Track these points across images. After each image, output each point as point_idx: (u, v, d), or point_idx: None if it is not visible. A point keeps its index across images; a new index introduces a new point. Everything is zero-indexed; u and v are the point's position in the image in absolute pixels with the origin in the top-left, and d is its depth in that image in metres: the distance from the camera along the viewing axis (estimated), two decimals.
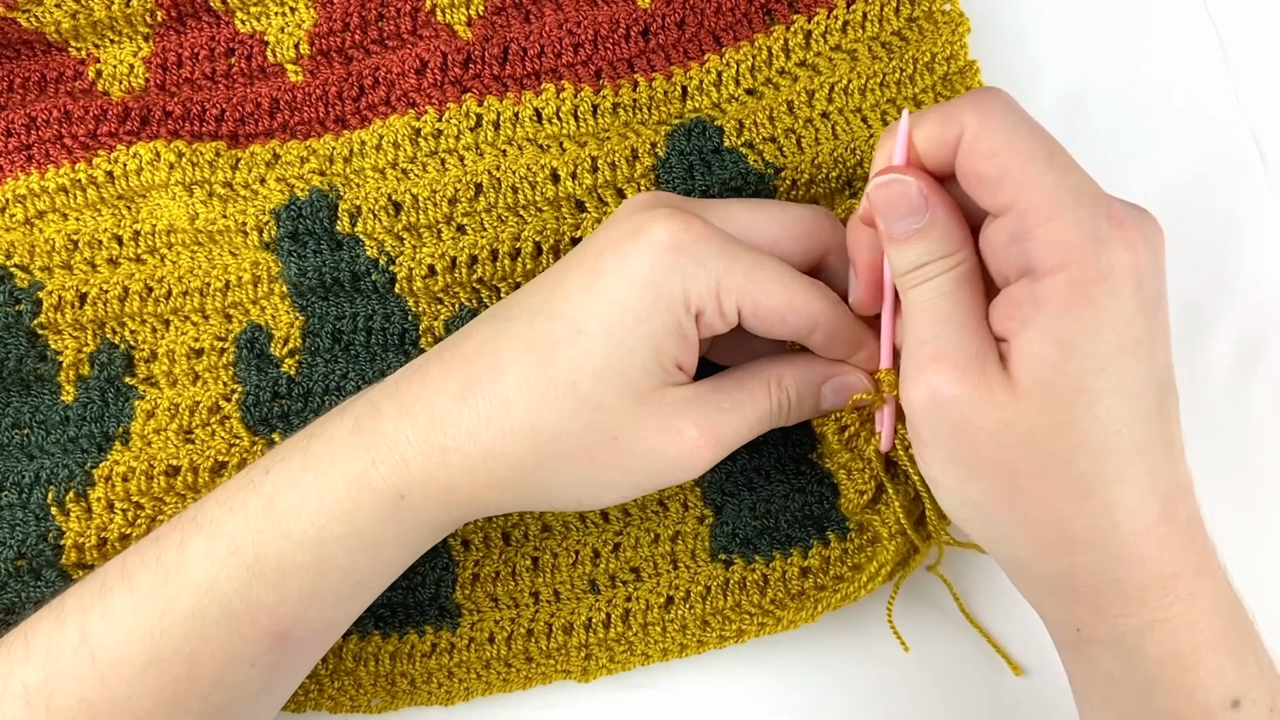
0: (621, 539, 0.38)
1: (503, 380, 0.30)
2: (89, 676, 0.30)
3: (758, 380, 0.32)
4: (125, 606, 0.31)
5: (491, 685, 0.37)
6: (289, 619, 0.31)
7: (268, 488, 0.32)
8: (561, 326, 0.30)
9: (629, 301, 0.30)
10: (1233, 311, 0.39)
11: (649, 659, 0.37)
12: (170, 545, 0.32)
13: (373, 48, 0.40)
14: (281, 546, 0.31)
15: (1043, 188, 0.26)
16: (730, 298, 0.30)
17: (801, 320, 0.31)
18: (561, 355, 0.30)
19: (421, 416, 0.31)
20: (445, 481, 0.31)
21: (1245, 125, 0.40)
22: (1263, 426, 0.38)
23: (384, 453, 0.31)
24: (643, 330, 0.30)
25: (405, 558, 0.33)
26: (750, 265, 0.30)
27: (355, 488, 0.31)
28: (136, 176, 0.38)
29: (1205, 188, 0.40)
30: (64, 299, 0.39)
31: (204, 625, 0.30)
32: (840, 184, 0.37)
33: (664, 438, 0.30)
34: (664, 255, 0.30)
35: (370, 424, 0.31)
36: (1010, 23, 0.41)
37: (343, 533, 0.31)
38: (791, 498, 0.37)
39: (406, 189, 0.37)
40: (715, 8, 0.38)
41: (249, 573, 0.31)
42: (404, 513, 0.31)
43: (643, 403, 0.30)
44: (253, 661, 0.31)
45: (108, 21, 0.40)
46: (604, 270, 0.30)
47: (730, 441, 0.31)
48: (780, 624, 0.36)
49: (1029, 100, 0.40)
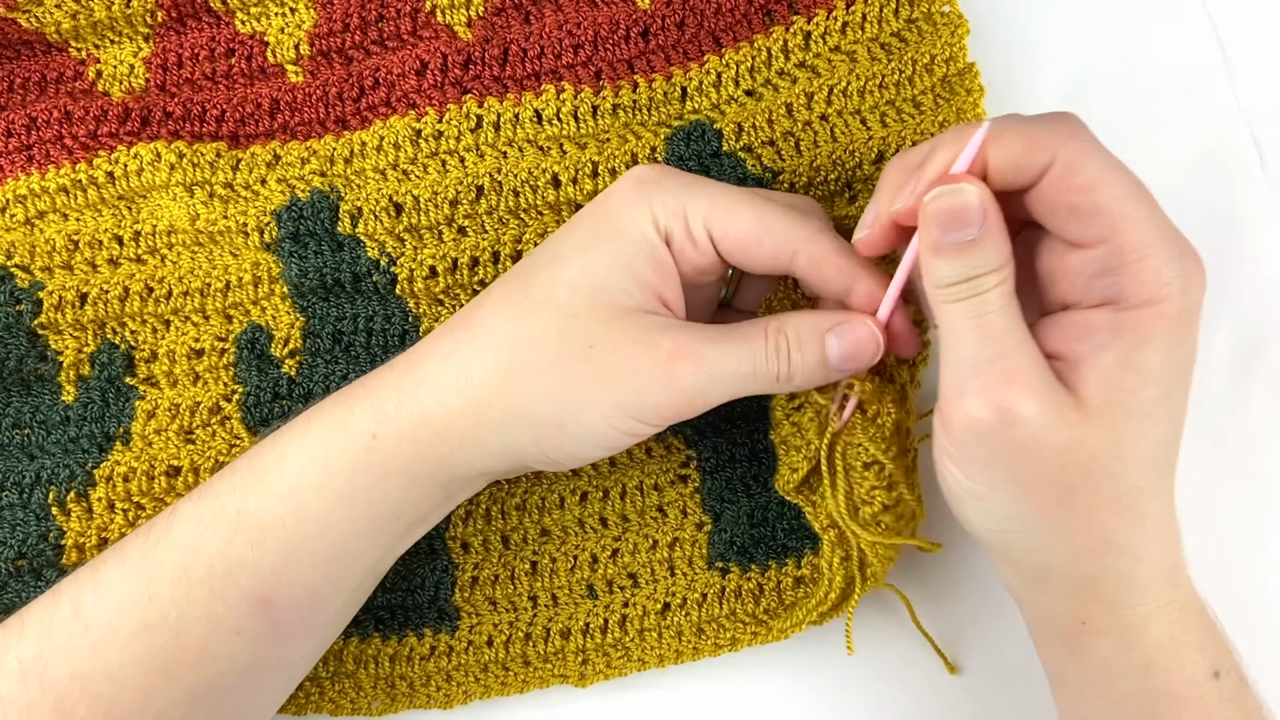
0: (620, 544, 0.38)
1: (480, 310, 0.32)
2: (81, 647, 0.31)
3: (754, 325, 0.32)
4: (116, 576, 0.31)
5: (490, 688, 0.38)
6: (269, 581, 0.31)
7: (255, 450, 0.33)
8: (541, 258, 0.32)
9: (603, 226, 0.31)
10: (1232, 311, 0.40)
11: (645, 665, 0.37)
12: (161, 518, 0.33)
13: (373, 48, 0.40)
14: (260, 499, 0.31)
15: (1138, 224, 0.27)
16: (698, 219, 0.31)
17: (778, 242, 0.31)
18: (539, 278, 0.31)
19: (401, 363, 0.33)
20: (418, 414, 0.31)
21: (1244, 125, 0.41)
22: (1263, 426, 0.39)
23: (360, 397, 0.32)
24: (615, 248, 0.31)
25: (380, 515, 0.32)
26: (716, 191, 0.31)
27: (329, 433, 0.32)
28: (137, 177, 0.39)
29: (1204, 188, 0.41)
30: (64, 299, 0.40)
31: (189, 586, 0.31)
32: (839, 186, 0.37)
33: (638, 349, 0.30)
34: (633, 186, 0.32)
35: (359, 381, 0.33)
36: (1009, 23, 0.42)
37: (316, 480, 0.31)
38: (788, 505, 0.37)
39: (407, 190, 0.37)
40: (715, 9, 0.39)
41: (231, 529, 0.31)
42: (375, 455, 0.31)
43: (619, 316, 0.31)
44: (236, 629, 0.31)
45: (108, 22, 0.41)
46: (582, 213, 0.33)
47: (715, 367, 0.30)
48: (771, 634, 0.36)
49: (1029, 100, 0.42)
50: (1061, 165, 0.27)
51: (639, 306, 0.31)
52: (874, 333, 0.31)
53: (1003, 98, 0.40)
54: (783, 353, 0.31)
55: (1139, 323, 0.27)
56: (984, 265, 0.27)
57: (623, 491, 0.38)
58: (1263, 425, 0.39)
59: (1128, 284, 0.27)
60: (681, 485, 0.38)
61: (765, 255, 0.31)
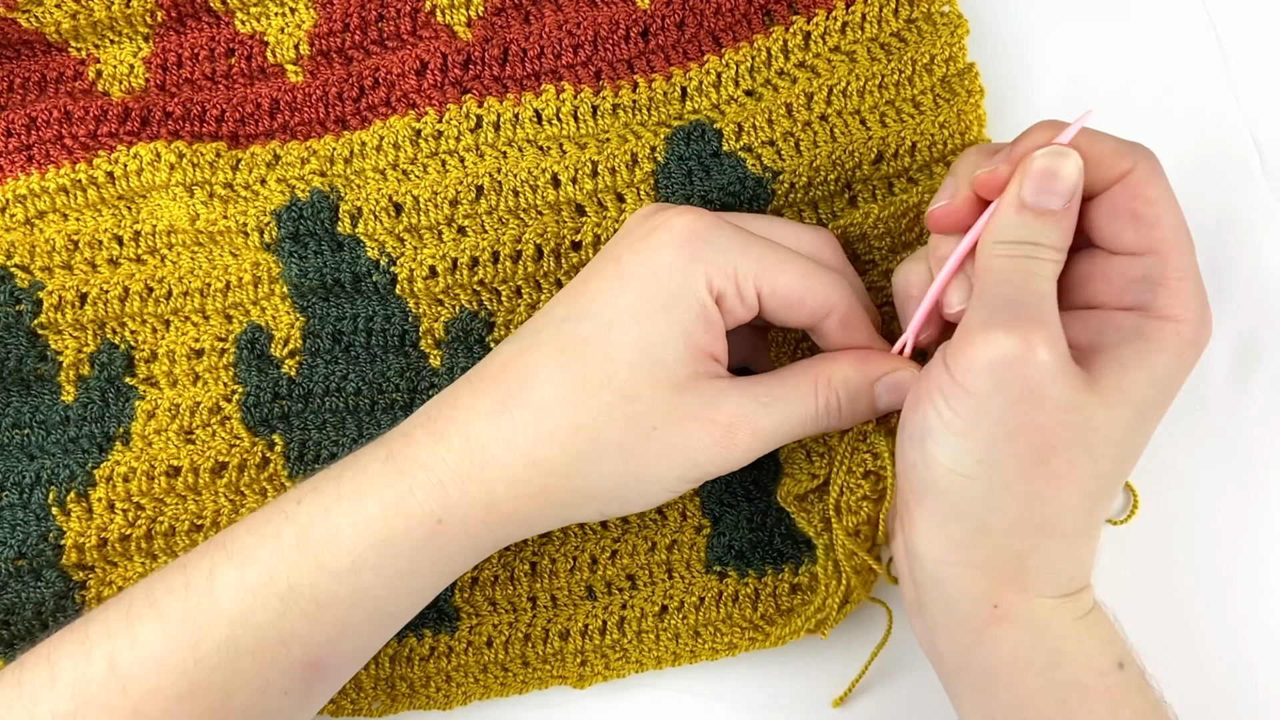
0: (619, 546, 0.38)
1: (536, 387, 0.31)
2: (120, 707, 0.30)
3: (803, 378, 0.33)
4: (155, 636, 0.31)
5: (489, 689, 0.38)
6: (323, 648, 0.32)
7: (301, 517, 0.32)
8: (590, 326, 0.31)
9: (654, 291, 0.31)
10: (1232, 311, 0.40)
11: (643, 666, 0.38)
12: (199, 573, 0.32)
13: (373, 48, 0.41)
14: (317, 577, 0.31)
15: (1185, 250, 0.30)
16: (748, 280, 0.31)
17: (819, 302, 0.32)
18: (594, 353, 0.31)
19: (457, 438, 0.31)
20: (485, 499, 0.31)
21: (1244, 125, 0.41)
22: (1262, 426, 0.39)
23: (420, 478, 0.31)
24: (671, 318, 0.31)
25: (441, 584, 0.33)
26: (764, 249, 0.32)
27: (391, 515, 0.31)
28: (137, 177, 0.39)
29: (1204, 188, 0.41)
30: (64, 299, 0.40)
31: (238, 656, 0.31)
32: (839, 187, 0.38)
33: (699, 425, 0.31)
34: (683, 245, 0.31)
35: (404, 451, 0.32)
36: (1009, 23, 0.42)
37: (378, 562, 0.31)
38: (787, 512, 0.37)
39: (407, 190, 0.38)
40: (714, 9, 0.39)
41: (284, 603, 0.31)
42: (441, 539, 0.31)
43: (679, 391, 0.31)
44: (286, 690, 0.32)
45: (108, 22, 0.41)
46: (625, 269, 0.32)
47: (770, 435, 0.32)
48: (769, 639, 0.37)
49: (1029, 101, 0.42)
50: (1140, 175, 0.30)
51: (694, 373, 0.31)
52: (915, 375, 0.32)
53: (1003, 98, 0.41)
54: (833, 409, 0.33)
55: (1161, 333, 0.29)
56: (1051, 239, 0.29)
57: None
58: (1262, 425, 0.39)
59: (1163, 295, 0.29)
60: None
61: (803, 314, 0.32)
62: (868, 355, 0.33)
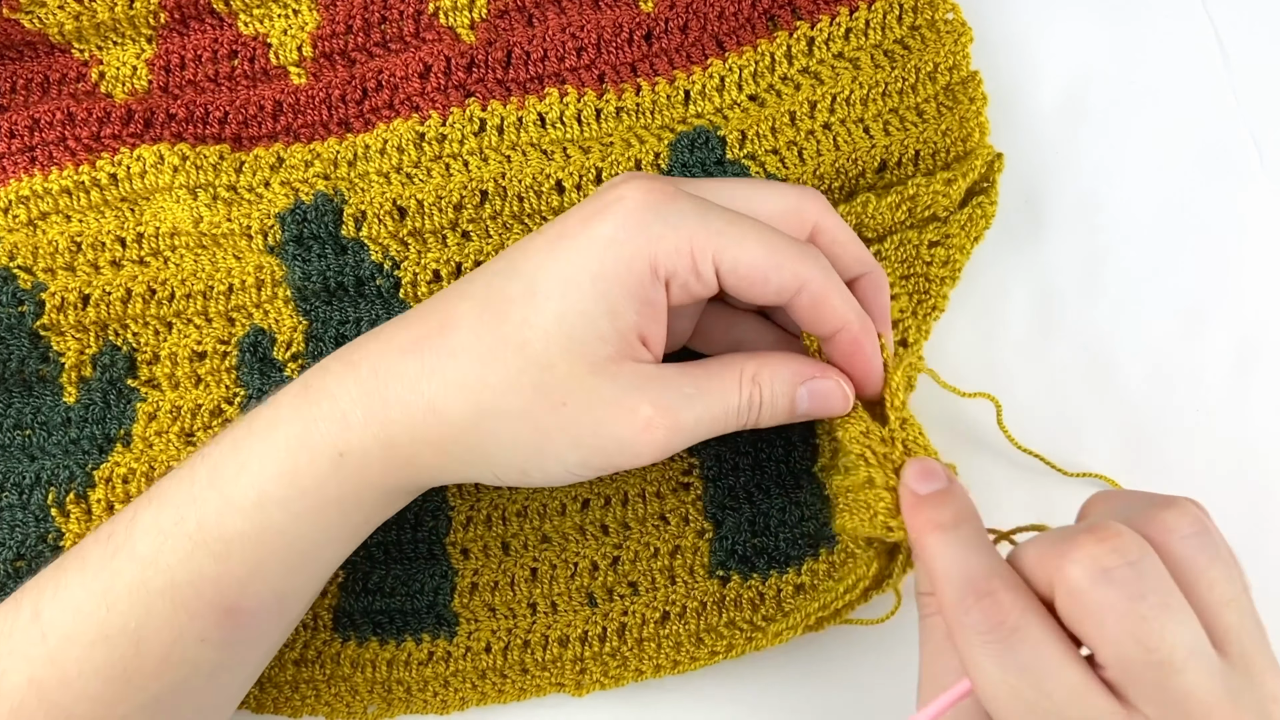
0: (620, 552, 0.38)
1: (453, 334, 0.31)
2: (38, 655, 0.31)
3: (729, 370, 0.32)
4: (75, 583, 0.31)
5: (487, 695, 0.38)
6: (235, 591, 0.31)
7: (214, 455, 0.32)
8: (517, 285, 0.31)
9: (586, 262, 0.30)
10: (1233, 311, 0.40)
11: (642, 674, 0.38)
12: (121, 521, 0.32)
13: (376, 51, 0.41)
14: (222, 513, 0.31)
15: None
16: (706, 255, 0.30)
17: (786, 278, 0.30)
18: (515, 313, 0.30)
19: (366, 370, 0.31)
20: (384, 438, 0.31)
21: (1244, 125, 0.42)
22: (1263, 426, 0.39)
23: (325, 409, 0.31)
24: (599, 290, 0.30)
25: (354, 524, 0.33)
26: (725, 222, 0.30)
27: (295, 447, 0.31)
28: (140, 179, 0.40)
29: (1205, 188, 0.42)
30: (67, 300, 0.40)
31: (149, 598, 0.31)
32: (843, 195, 0.39)
33: (614, 411, 0.30)
34: (630, 216, 0.30)
35: (316, 382, 0.32)
36: (1009, 24, 0.43)
37: (283, 496, 0.31)
38: (789, 511, 0.38)
39: (411, 194, 0.38)
40: (718, 12, 0.40)
41: (192, 543, 0.31)
42: (344, 471, 0.31)
43: (595, 371, 0.30)
44: (202, 637, 0.31)
45: (111, 23, 0.42)
46: (567, 233, 0.31)
47: (689, 430, 0.31)
48: (767, 638, 0.37)
49: (1029, 102, 0.43)
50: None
51: (617, 354, 0.30)
52: (841, 388, 0.33)
53: (1003, 99, 0.42)
54: (755, 405, 0.32)
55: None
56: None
57: (624, 498, 0.39)
58: (1263, 425, 0.39)
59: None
60: (683, 492, 0.38)
61: (769, 292, 0.31)
62: (797, 357, 0.33)
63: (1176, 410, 0.40)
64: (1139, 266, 0.42)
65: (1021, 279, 0.42)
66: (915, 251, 0.38)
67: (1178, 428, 0.40)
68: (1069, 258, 0.42)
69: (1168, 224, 0.42)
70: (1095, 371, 0.41)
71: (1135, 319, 0.41)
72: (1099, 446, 0.40)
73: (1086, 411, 0.40)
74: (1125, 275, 0.41)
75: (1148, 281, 0.41)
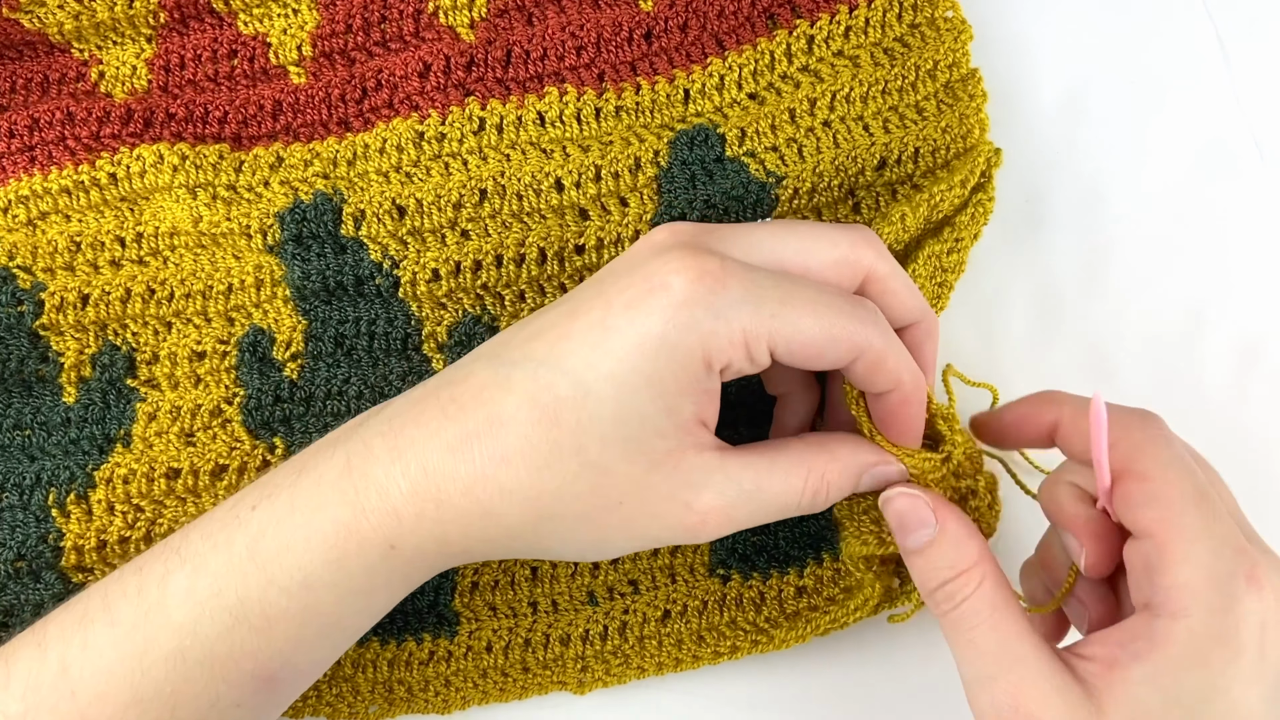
0: None
1: (503, 437, 0.30)
2: (68, 711, 0.31)
3: (797, 466, 0.31)
4: (106, 641, 0.31)
5: (488, 694, 0.39)
6: (275, 663, 0.31)
7: (254, 526, 0.32)
8: (567, 384, 0.29)
9: (639, 362, 0.29)
10: (1233, 311, 0.41)
11: (644, 673, 0.38)
12: (152, 578, 0.32)
13: (375, 50, 0.42)
14: (266, 592, 0.31)
15: (1184, 526, 0.27)
16: (760, 342, 0.29)
17: (842, 351, 0.30)
18: (567, 416, 0.29)
19: (414, 465, 0.31)
20: (438, 535, 0.31)
21: (1245, 125, 0.42)
22: (1263, 426, 0.40)
23: (374, 501, 0.31)
24: (654, 391, 0.29)
25: (396, 599, 0.33)
26: (778, 301, 0.29)
27: (344, 536, 0.31)
28: (140, 179, 0.40)
29: (1205, 187, 0.42)
30: (66, 300, 0.41)
31: (186, 667, 0.31)
32: (842, 193, 0.39)
33: (670, 506, 0.30)
34: (678, 311, 0.29)
35: (361, 465, 0.31)
36: (1009, 23, 0.43)
37: (331, 580, 0.31)
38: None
39: (410, 193, 0.39)
40: (718, 11, 0.40)
41: (232, 617, 0.31)
42: (395, 561, 0.31)
43: (655, 469, 0.30)
44: (238, 703, 0.32)
45: (110, 23, 0.42)
46: (612, 326, 0.29)
47: (745, 521, 0.31)
48: (773, 643, 0.37)
49: (1029, 102, 0.43)
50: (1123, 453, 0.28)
51: (676, 447, 0.30)
52: (903, 471, 0.32)
53: (1003, 99, 0.42)
54: (819, 501, 0.32)
55: (1170, 638, 0.26)
56: (951, 564, 0.29)
57: None
58: (1263, 425, 0.40)
59: (1161, 586, 0.26)
60: None
61: (824, 363, 0.30)
62: (863, 445, 0.32)
63: (1176, 410, 0.40)
64: (1139, 266, 0.42)
65: (1022, 278, 0.42)
66: (939, 263, 0.38)
67: (1178, 427, 0.40)
68: (1069, 257, 0.42)
69: (1168, 223, 0.42)
70: (1095, 371, 0.41)
71: (1135, 319, 0.41)
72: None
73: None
74: (1125, 275, 0.42)
75: (1148, 281, 0.42)
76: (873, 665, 0.39)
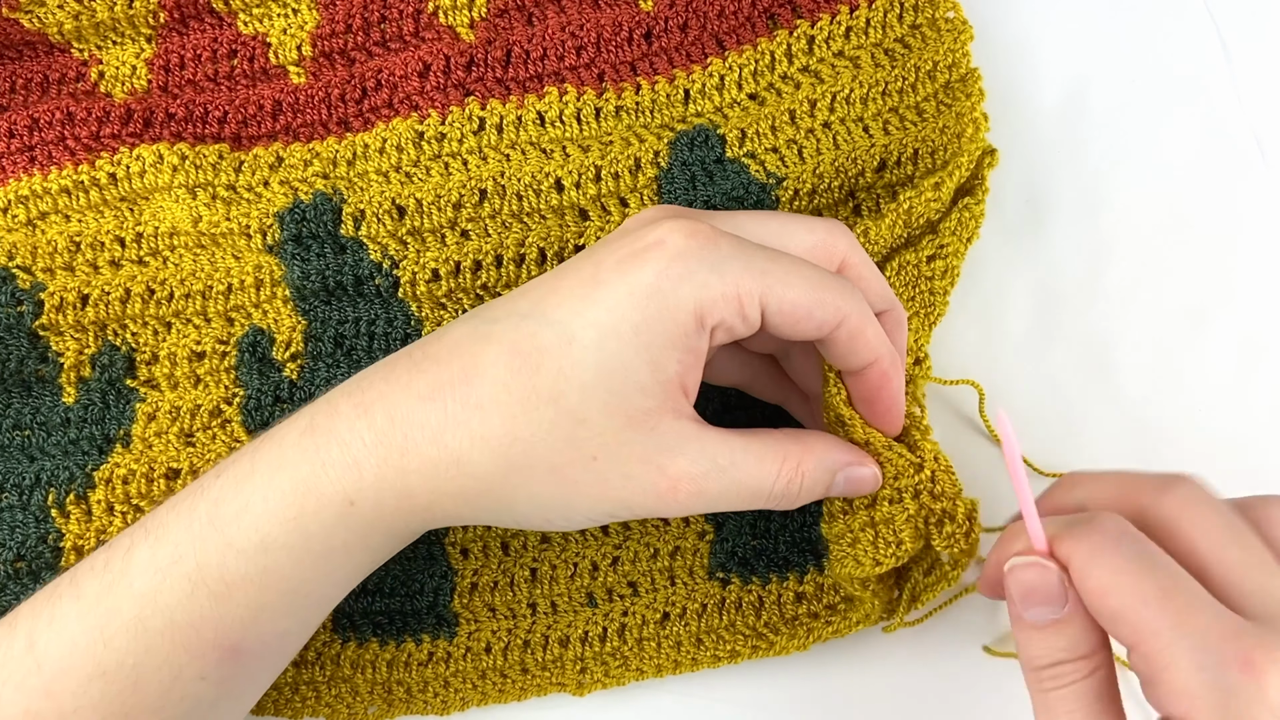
0: (620, 552, 0.39)
1: (479, 384, 0.30)
2: (34, 686, 0.31)
3: (772, 452, 0.31)
4: (71, 614, 0.31)
5: (487, 696, 0.39)
6: (237, 632, 0.31)
7: (214, 492, 0.31)
8: (551, 333, 0.29)
9: (628, 310, 0.29)
10: (1233, 311, 0.41)
11: (643, 674, 0.38)
12: (118, 552, 0.32)
13: (375, 50, 0.42)
14: (224, 556, 0.31)
15: (1157, 632, 0.26)
16: (753, 298, 0.29)
17: (829, 313, 0.30)
18: (548, 363, 0.29)
19: (380, 416, 0.30)
20: (400, 487, 0.30)
21: (1247, 125, 0.42)
22: (1263, 426, 0.40)
23: (335, 455, 0.30)
24: (641, 342, 0.29)
25: (359, 565, 0.33)
26: (768, 261, 0.30)
27: (300, 493, 0.30)
28: (139, 179, 0.40)
29: (1206, 188, 0.42)
30: (66, 300, 0.41)
31: (147, 637, 0.30)
32: (843, 194, 0.39)
33: (644, 467, 0.30)
34: (672, 263, 0.29)
35: (325, 423, 0.31)
36: (1010, 23, 0.43)
37: (287, 541, 0.31)
38: (791, 517, 0.38)
39: (410, 193, 0.39)
40: (718, 11, 0.40)
41: (191, 583, 0.31)
42: (353, 519, 0.31)
43: (632, 425, 0.29)
44: (202, 675, 0.31)
45: (110, 23, 0.42)
46: (603, 278, 0.30)
47: (713, 499, 0.30)
48: (773, 649, 0.37)
49: (1029, 101, 0.43)
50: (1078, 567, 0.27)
51: (655, 407, 0.30)
52: (876, 475, 0.33)
53: (1004, 98, 0.42)
54: (792, 492, 0.32)
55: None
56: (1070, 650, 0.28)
57: None
58: (1263, 425, 0.40)
59: (1163, 695, 0.26)
60: None
61: (811, 327, 0.30)
62: (838, 444, 0.33)
63: (1177, 410, 0.40)
64: (1140, 266, 0.42)
65: (1022, 278, 0.42)
66: (916, 271, 0.38)
67: (1178, 427, 0.40)
68: (1070, 257, 0.42)
69: (1169, 223, 0.42)
70: (1095, 371, 0.41)
71: (1136, 318, 0.41)
72: (1099, 446, 0.40)
73: (1086, 411, 0.41)
74: (1126, 274, 0.42)
75: (1149, 281, 0.42)
76: (872, 668, 0.39)
